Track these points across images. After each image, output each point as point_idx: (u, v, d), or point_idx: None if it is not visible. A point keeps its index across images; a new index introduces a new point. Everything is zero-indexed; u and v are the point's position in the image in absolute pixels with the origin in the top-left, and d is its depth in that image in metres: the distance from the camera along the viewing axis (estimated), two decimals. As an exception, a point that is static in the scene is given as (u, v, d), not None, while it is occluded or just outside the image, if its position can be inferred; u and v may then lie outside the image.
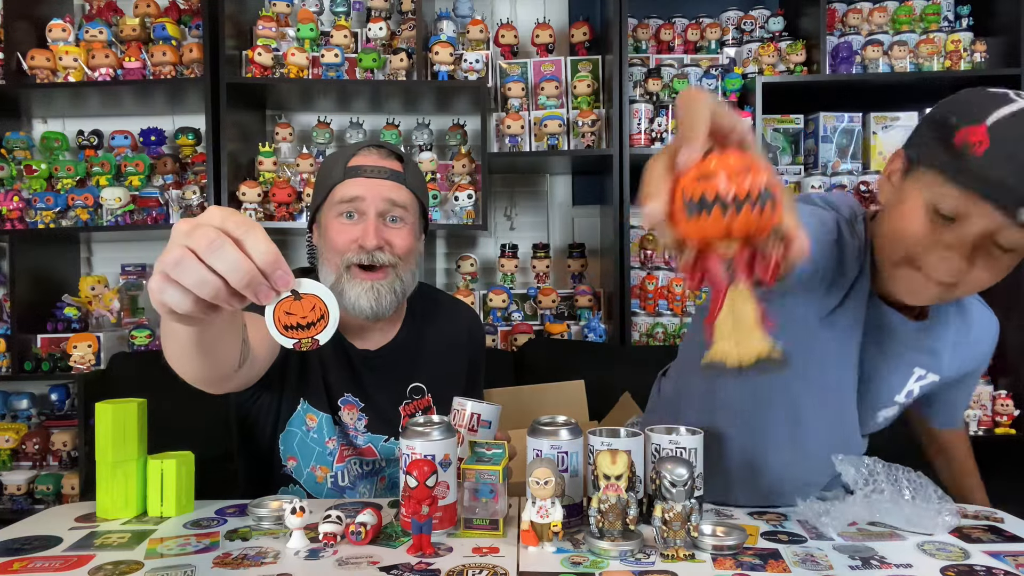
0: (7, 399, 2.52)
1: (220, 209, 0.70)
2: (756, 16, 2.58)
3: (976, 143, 0.85)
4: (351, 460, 1.34)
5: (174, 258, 0.67)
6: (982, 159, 0.84)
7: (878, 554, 0.95)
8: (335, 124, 2.56)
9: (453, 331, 1.48)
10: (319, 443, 1.32)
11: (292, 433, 1.32)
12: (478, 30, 2.47)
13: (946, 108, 0.92)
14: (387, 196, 1.26)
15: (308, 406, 1.31)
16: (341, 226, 1.26)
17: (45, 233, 2.38)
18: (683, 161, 0.54)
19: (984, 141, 0.84)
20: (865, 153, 2.54)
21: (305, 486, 1.33)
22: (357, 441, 1.34)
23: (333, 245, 1.26)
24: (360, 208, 1.26)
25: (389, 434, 1.35)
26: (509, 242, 2.61)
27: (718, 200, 0.49)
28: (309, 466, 1.32)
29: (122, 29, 2.44)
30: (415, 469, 0.95)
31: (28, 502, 2.38)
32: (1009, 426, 2.34)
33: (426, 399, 1.38)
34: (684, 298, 2.46)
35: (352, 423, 1.33)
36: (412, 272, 1.33)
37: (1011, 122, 0.84)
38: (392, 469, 1.36)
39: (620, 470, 0.94)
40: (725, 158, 0.50)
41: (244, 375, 1.08)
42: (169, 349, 0.90)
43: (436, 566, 0.90)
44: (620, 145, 2.35)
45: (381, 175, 1.27)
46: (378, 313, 1.29)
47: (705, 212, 0.49)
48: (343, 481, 1.33)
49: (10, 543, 1.00)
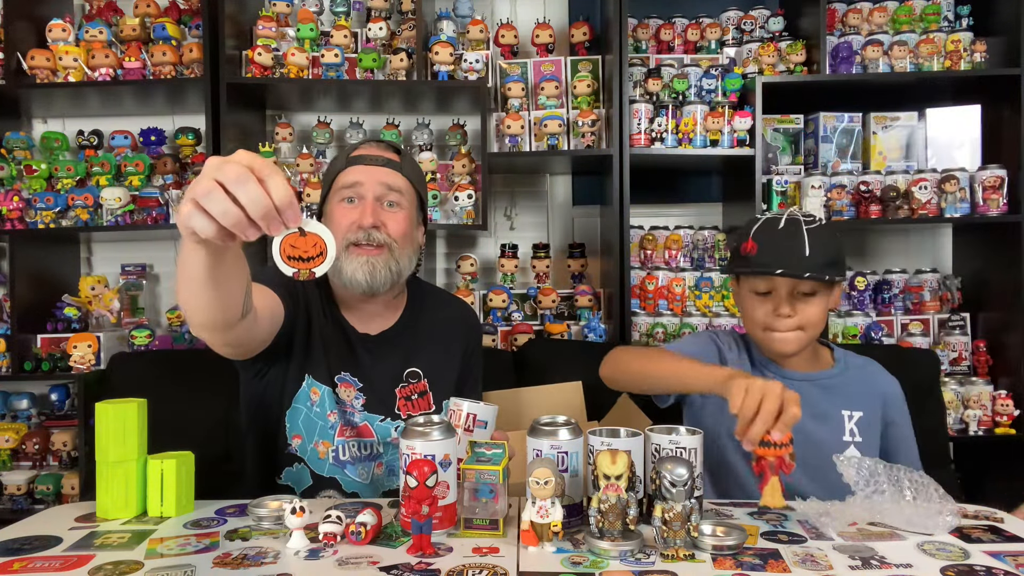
0: (7, 399, 2.52)
1: (247, 152, 0.82)
2: (756, 16, 2.58)
3: (750, 249, 1.39)
4: (349, 441, 1.39)
5: (204, 188, 0.79)
6: (756, 257, 1.39)
7: (878, 554, 0.95)
8: (335, 124, 2.56)
9: (449, 320, 1.56)
10: (321, 416, 1.38)
11: (297, 410, 1.38)
12: (478, 30, 2.47)
13: (735, 236, 1.52)
14: (383, 180, 1.37)
15: (312, 380, 1.38)
16: (343, 210, 1.37)
17: (45, 233, 2.38)
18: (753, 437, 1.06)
19: (754, 247, 1.39)
20: (865, 153, 2.54)
21: (309, 463, 1.38)
22: (354, 419, 1.40)
23: (336, 227, 1.35)
24: (359, 192, 1.37)
25: (385, 414, 1.41)
26: (509, 242, 2.61)
27: (772, 444, 1.00)
28: (312, 442, 1.38)
29: (122, 29, 2.44)
30: (415, 469, 0.95)
31: (28, 502, 2.37)
32: (1009, 426, 2.34)
33: (422, 383, 1.45)
34: (684, 298, 2.47)
35: (349, 400, 1.39)
36: (409, 257, 1.41)
37: (761, 229, 1.40)
38: (390, 455, 1.41)
39: (620, 470, 0.94)
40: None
41: (245, 330, 1.15)
42: (183, 283, 1.00)
43: (436, 566, 0.90)
44: (620, 145, 2.35)
45: (378, 163, 1.38)
46: (373, 287, 1.35)
47: (765, 447, 1.00)
48: (343, 455, 1.38)
49: (10, 543, 1.00)
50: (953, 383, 2.38)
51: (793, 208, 1.48)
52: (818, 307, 1.40)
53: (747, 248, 1.40)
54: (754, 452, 0.98)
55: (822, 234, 1.37)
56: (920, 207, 2.35)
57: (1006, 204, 2.33)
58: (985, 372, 2.44)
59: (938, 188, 2.36)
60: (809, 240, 1.35)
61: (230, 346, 1.20)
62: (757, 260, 1.38)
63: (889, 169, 2.49)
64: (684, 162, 2.53)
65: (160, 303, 2.69)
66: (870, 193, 2.38)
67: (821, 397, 1.45)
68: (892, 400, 1.51)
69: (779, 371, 1.50)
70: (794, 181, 2.43)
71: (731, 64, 2.54)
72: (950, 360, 2.44)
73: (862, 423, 1.46)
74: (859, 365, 1.54)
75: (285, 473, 1.39)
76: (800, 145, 2.56)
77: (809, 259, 1.34)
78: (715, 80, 2.41)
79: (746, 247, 1.40)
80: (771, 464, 0.97)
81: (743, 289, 1.47)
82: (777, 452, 0.95)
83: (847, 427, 1.45)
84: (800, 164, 2.54)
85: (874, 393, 1.50)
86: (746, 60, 2.50)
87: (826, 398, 1.46)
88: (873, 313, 2.50)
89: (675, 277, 2.47)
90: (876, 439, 1.48)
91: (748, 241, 1.40)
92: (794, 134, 2.55)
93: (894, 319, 2.50)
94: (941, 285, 2.56)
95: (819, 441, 1.40)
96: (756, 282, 1.42)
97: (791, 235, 1.36)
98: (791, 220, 1.38)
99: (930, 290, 2.53)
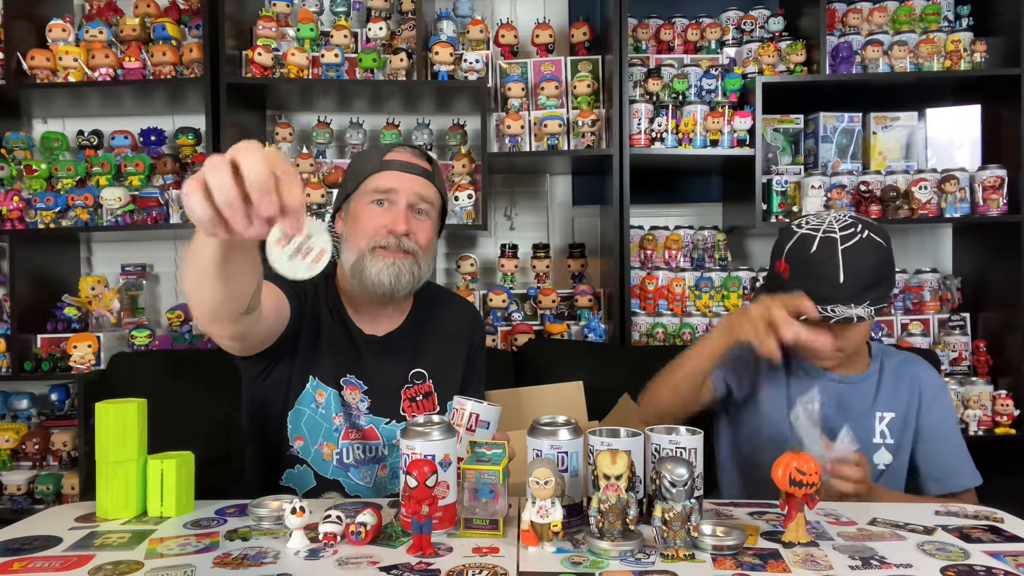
0: (7, 399, 2.52)
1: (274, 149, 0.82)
2: (756, 16, 2.58)
3: (783, 271, 1.31)
4: (354, 444, 1.39)
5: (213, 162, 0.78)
6: (788, 281, 1.30)
7: (878, 554, 0.95)
8: (335, 124, 2.56)
9: (454, 321, 1.56)
10: (326, 419, 1.37)
11: (300, 412, 1.38)
12: (478, 30, 2.47)
13: (773, 246, 1.38)
14: (417, 191, 1.38)
15: (317, 382, 1.38)
16: (372, 211, 1.37)
17: (45, 233, 2.38)
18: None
19: (786, 269, 1.30)
20: (865, 153, 2.54)
21: (312, 464, 1.38)
22: (360, 422, 1.39)
23: (363, 228, 1.36)
24: (392, 198, 1.37)
25: (390, 417, 1.41)
26: (509, 242, 2.61)
27: (803, 484, 0.96)
28: (316, 443, 1.38)
29: (122, 29, 2.44)
30: (415, 469, 0.95)
31: (28, 502, 2.37)
32: (1009, 426, 2.34)
33: (427, 384, 1.45)
34: (684, 298, 2.47)
35: (355, 403, 1.39)
36: (428, 264, 1.43)
37: (794, 248, 1.31)
38: (394, 458, 1.39)
39: (620, 470, 0.94)
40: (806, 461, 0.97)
41: (249, 326, 1.15)
42: (191, 271, 1.00)
43: (436, 566, 0.90)
44: (620, 145, 2.35)
45: (414, 171, 1.38)
46: (395, 289, 1.36)
47: (795, 486, 0.96)
48: (348, 459, 1.37)
49: (10, 543, 1.00)
50: (953, 383, 2.38)
51: (832, 216, 1.33)
52: (860, 331, 1.33)
53: (779, 268, 1.33)
54: (784, 491, 0.98)
55: (861, 252, 1.26)
56: (920, 207, 2.35)
57: (1006, 204, 2.33)
58: (985, 372, 2.44)
59: (938, 188, 2.36)
60: (844, 264, 1.25)
61: (232, 339, 1.20)
62: (789, 285, 1.29)
63: (889, 169, 2.49)
64: (684, 162, 2.53)
65: (160, 303, 2.69)
66: (870, 193, 2.38)
67: (855, 399, 1.43)
68: (937, 405, 1.44)
69: (814, 368, 1.44)
70: (794, 181, 2.43)
71: (731, 64, 2.54)
72: (950, 360, 2.44)
73: (894, 424, 1.42)
74: (896, 364, 1.47)
75: (287, 475, 1.39)
76: (800, 145, 2.56)
77: (843, 288, 1.25)
78: (715, 80, 2.41)
79: (779, 267, 1.33)
80: (799, 502, 0.98)
81: None
82: (807, 491, 0.96)
83: (877, 429, 1.42)
84: (800, 164, 2.54)
85: (909, 393, 1.44)
86: (746, 60, 2.50)
87: (860, 400, 1.43)
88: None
89: (675, 277, 2.47)
90: (910, 437, 1.43)
91: (780, 261, 1.33)
92: (794, 134, 2.55)
93: (894, 319, 2.50)
94: (941, 285, 2.56)
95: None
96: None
97: (825, 260, 1.26)
98: (825, 240, 1.27)
99: (930, 290, 2.53)
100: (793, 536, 0.99)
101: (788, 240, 1.32)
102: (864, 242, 1.28)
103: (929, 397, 1.45)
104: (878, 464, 1.41)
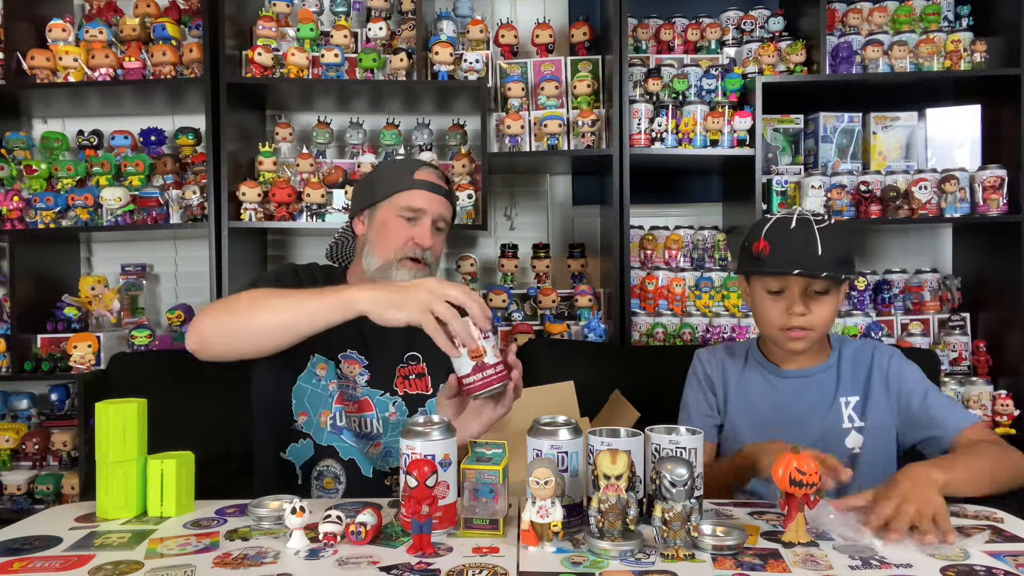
0: (7, 399, 2.52)
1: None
2: (756, 16, 2.58)
3: (763, 248, 1.41)
4: (348, 411, 1.47)
5: (456, 292, 1.15)
6: (769, 257, 1.40)
7: (878, 554, 0.95)
8: (335, 124, 2.56)
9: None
10: (324, 388, 1.47)
11: (303, 388, 1.47)
12: (478, 30, 2.47)
13: (745, 236, 1.49)
14: (440, 211, 1.56)
15: (319, 357, 1.48)
16: (401, 224, 1.54)
17: (45, 233, 2.38)
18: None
19: (766, 246, 1.40)
20: (865, 153, 2.54)
21: (314, 436, 1.46)
22: (356, 393, 1.49)
23: (392, 239, 1.53)
24: (420, 216, 1.54)
25: (384, 390, 1.51)
26: (509, 242, 2.61)
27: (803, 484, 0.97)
28: (317, 414, 1.47)
29: (122, 29, 2.44)
30: (415, 469, 0.95)
31: (28, 502, 2.37)
32: (1009, 426, 2.33)
33: (421, 366, 1.56)
34: (684, 298, 2.47)
35: (353, 376, 1.49)
36: (436, 271, 1.63)
37: (772, 228, 1.42)
38: (388, 437, 1.48)
39: (620, 470, 0.94)
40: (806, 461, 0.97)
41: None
42: (264, 316, 1.26)
43: (436, 566, 0.90)
44: (620, 145, 2.35)
45: (439, 192, 1.57)
46: None
47: (795, 486, 0.97)
48: (340, 421, 1.46)
49: (10, 543, 1.00)
50: (953, 383, 2.38)
51: (800, 208, 1.50)
52: (830, 305, 1.44)
53: (759, 248, 1.41)
54: (783, 491, 0.98)
55: (832, 233, 1.40)
56: (920, 207, 2.35)
57: (1006, 204, 2.33)
58: (985, 372, 2.43)
59: (938, 188, 2.36)
60: (821, 239, 1.37)
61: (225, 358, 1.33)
62: (771, 260, 1.40)
63: (889, 169, 2.49)
64: (684, 162, 2.53)
65: (160, 303, 2.69)
66: (870, 193, 2.38)
67: (818, 390, 1.51)
68: (893, 372, 1.50)
69: (776, 371, 1.53)
70: (794, 181, 2.43)
71: (731, 64, 2.54)
72: (950, 360, 2.44)
73: (860, 407, 1.49)
74: (853, 350, 1.55)
75: (290, 449, 1.46)
76: (800, 145, 2.56)
77: (822, 258, 1.37)
78: (715, 80, 2.41)
79: (758, 246, 1.42)
80: (799, 502, 0.98)
81: (755, 289, 1.49)
82: (807, 491, 0.97)
83: (845, 413, 1.49)
84: (800, 164, 2.54)
85: (868, 373, 1.51)
86: (746, 60, 2.50)
87: (822, 390, 1.51)
88: (873, 313, 2.50)
89: (675, 277, 2.47)
90: (884, 417, 1.48)
91: (760, 240, 1.41)
92: (794, 134, 2.55)
93: (894, 319, 2.50)
94: (941, 285, 2.56)
95: (822, 432, 1.46)
96: (769, 282, 1.44)
97: (803, 235, 1.38)
98: (802, 220, 1.40)
99: (930, 290, 2.53)
100: (793, 536, 0.99)
101: (765, 224, 1.44)
102: (835, 226, 1.43)
103: (893, 372, 1.50)
104: (852, 448, 1.46)
